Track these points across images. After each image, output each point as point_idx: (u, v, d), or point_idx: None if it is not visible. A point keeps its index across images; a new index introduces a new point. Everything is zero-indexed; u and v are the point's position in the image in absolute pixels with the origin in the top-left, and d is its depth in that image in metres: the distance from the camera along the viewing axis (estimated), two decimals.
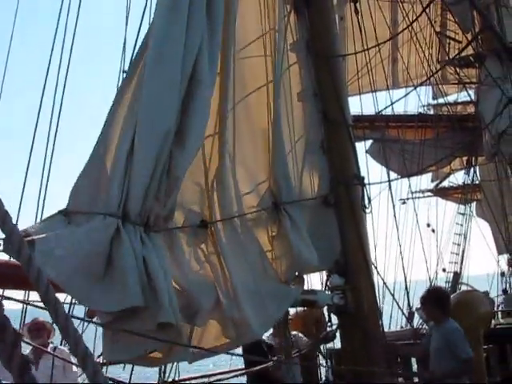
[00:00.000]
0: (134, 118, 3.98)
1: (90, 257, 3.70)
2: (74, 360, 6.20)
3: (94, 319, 3.92)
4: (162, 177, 3.94)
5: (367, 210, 5.71)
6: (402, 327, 10.57)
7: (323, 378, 6.44)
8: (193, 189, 4.46)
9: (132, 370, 5.41)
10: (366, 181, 5.81)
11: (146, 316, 3.68)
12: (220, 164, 4.60)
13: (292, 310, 6.04)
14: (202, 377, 7.79)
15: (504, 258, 17.08)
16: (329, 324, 5.58)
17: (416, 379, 6.50)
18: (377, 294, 5.75)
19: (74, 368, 6.53)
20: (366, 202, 5.67)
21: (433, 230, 17.98)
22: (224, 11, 4.87)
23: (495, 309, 16.22)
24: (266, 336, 6.82)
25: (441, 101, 18.61)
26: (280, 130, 5.22)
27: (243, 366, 6.92)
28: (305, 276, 5.50)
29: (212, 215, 4.49)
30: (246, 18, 5.32)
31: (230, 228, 4.57)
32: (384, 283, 5.86)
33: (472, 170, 16.28)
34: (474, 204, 19.54)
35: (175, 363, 5.55)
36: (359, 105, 7.85)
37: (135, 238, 3.82)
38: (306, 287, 5.37)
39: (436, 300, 5.95)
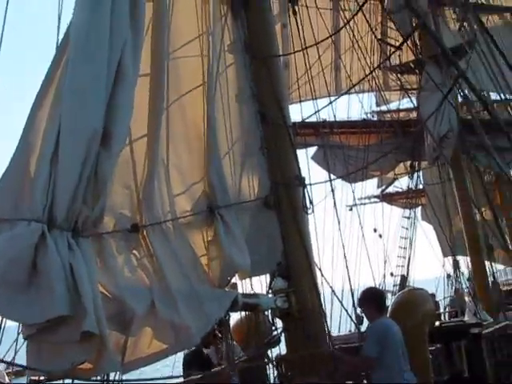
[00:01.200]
0: (58, 118, 3.79)
1: (13, 265, 3.49)
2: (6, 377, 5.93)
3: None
4: (89, 179, 3.76)
5: (309, 211, 5.61)
6: (350, 331, 10.53)
7: None
8: (122, 192, 4.29)
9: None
10: (307, 182, 5.71)
11: (71, 325, 3.49)
12: (150, 166, 4.44)
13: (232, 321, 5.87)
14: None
15: (449, 260, 17.28)
16: (273, 328, 5.42)
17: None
18: (322, 298, 5.65)
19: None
20: (308, 203, 5.57)
21: (380, 235, 18.16)
22: (155, 10, 4.75)
23: (442, 310, 16.46)
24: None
25: (384, 108, 18.89)
26: (215, 132, 5.09)
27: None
28: (247, 280, 5.39)
29: (143, 219, 4.32)
30: (182, 17, 5.19)
31: (163, 232, 4.41)
32: (328, 284, 5.75)
33: (415, 174, 16.43)
34: (418, 208, 19.83)
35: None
36: (301, 112, 7.77)
37: (62, 244, 3.63)
38: (249, 291, 5.26)
39: (370, 299, 5.85)
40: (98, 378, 4.70)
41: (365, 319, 6.02)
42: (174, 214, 4.61)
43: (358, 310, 6.04)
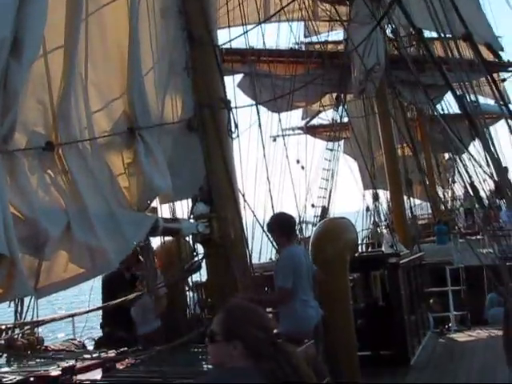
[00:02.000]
0: None
1: None
2: None
3: None
4: None
5: (234, 135, 5.45)
6: (271, 259, 10.65)
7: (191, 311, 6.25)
8: (36, 108, 3.97)
9: None
10: (232, 105, 5.53)
11: None
12: (67, 82, 4.11)
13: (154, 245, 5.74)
14: (65, 317, 7.43)
15: (369, 193, 17.66)
16: (194, 254, 5.33)
17: None
18: (245, 225, 5.58)
19: None
20: (233, 126, 5.40)
21: (302, 167, 18.28)
22: None
23: (359, 242, 16.91)
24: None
25: (313, 39, 18.70)
26: (137, 49, 4.77)
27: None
28: (169, 205, 5.24)
29: (59, 138, 4.04)
30: None
31: (80, 152, 4.15)
32: (250, 209, 5.66)
33: (341, 107, 16.48)
34: (342, 142, 20.04)
35: (32, 301, 5.14)
36: (230, 37, 7.47)
37: None
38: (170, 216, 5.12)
39: (279, 225, 5.79)
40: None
41: None
42: (92, 133, 4.34)
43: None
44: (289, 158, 11.97)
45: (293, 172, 12.78)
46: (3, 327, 6.26)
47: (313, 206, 17.17)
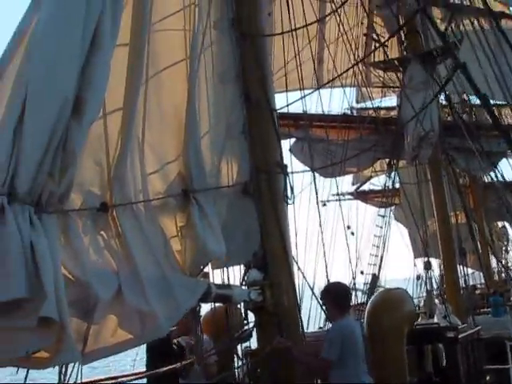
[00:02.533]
0: (25, 84, 3.46)
1: None
2: None
3: None
4: (56, 151, 3.43)
5: (289, 201, 5.33)
6: (320, 328, 10.34)
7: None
8: (93, 168, 3.95)
9: (27, 372, 4.86)
10: (289, 170, 5.44)
11: (28, 310, 3.16)
12: (124, 143, 4.10)
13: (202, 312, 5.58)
14: (107, 379, 7.28)
15: (421, 261, 17.20)
16: (245, 322, 5.14)
17: None
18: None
19: None
20: (289, 192, 5.30)
21: (352, 233, 17.99)
22: None
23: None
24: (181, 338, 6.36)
25: (364, 105, 18.74)
26: (194, 112, 4.77)
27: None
28: (220, 270, 5.10)
29: (114, 199, 3.99)
30: None
31: (133, 214, 4.08)
32: (305, 279, 5.48)
33: (393, 173, 16.28)
34: (393, 208, 19.74)
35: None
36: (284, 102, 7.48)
37: (23, 220, 3.30)
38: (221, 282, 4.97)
39: (334, 296, 5.42)
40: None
41: None
42: (146, 195, 4.29)
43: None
44: (339, 224, 11.79)
45: (343, 238, 12.58)
46: None
47: (362, 273, 16.79)
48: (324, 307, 5.63)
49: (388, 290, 9.78)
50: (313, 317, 10.81)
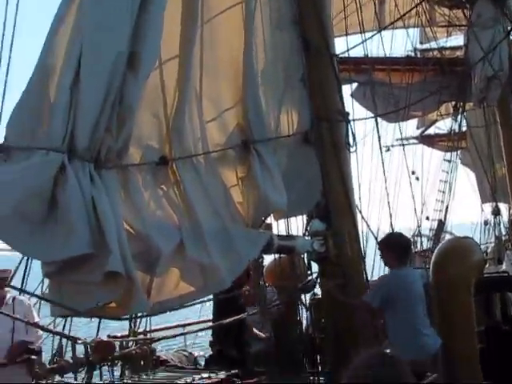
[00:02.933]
0: (80, 40, 3.44)
1: (30, 197, 3.20)
2: (35, 311, 5.78)
3: None
4: (113, 105, 3.42)
5: (352, 149, 5.18)
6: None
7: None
8: (151, 122, 3.93)
9: (100, 322, 5.02)
10: (350, 117, 5.27)
11: (94, 265, 3.23)
12: (182, 95, 4.04)
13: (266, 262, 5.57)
14: (175, 327, 7.45)
15: (488, 206, 16.74)
16: (308, 272, 5.10)
17: None
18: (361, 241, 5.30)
19: (36, 318, 6.08)
20: (351, 139, 5.14)
21: (417, 178, 17.61)
22: None
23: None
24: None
25: (429, 45, 18.03)
26: (252, 61, 4.63)
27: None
28: (283, 221, 5.05)
29: (173, 152, 3.96)
30: None
31: (193, 166, 4.06)
32: (369, 227, 5.36)
33: (459, 116, 15.71)
34: (459, 152, 19.15)
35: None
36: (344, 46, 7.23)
37: (83, 176, 3.33)
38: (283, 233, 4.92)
39: (392, 247, 5.19)
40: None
41: None
42: (205, 147, 4.24)
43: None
44: (404, 169, 11.53)
45: (407, 183, 12.33)
46: (119, 336, 6.35)
47: (427, 218, 16.47)
48: (383, 254, 5.45)
49: (456, 238, 9.55)
50: (377, 266, 10.68)
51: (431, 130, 22.08)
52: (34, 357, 5.58)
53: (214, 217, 4.06)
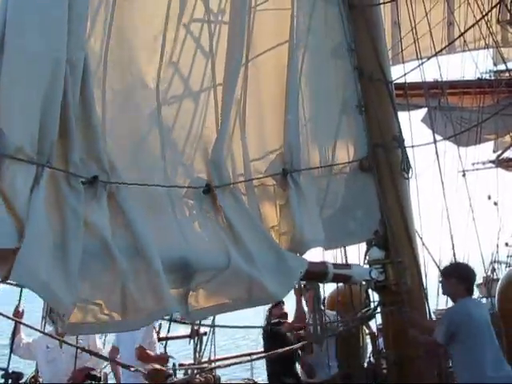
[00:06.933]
0: None
1: None
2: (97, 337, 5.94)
3: None
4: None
5: (409, 176, 5.11)
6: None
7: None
8: (194, 149, 4.00)
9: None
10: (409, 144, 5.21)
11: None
12: (223, 121, 4.09)
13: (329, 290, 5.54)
14: (240, 356, 7.46)
15: None
16: (367, 302, 5.02)
17: None
18: (422, 269, 5.16)
19: (98, 344, 6.24)
20: (406, 166, 5.07)
21: (495, 203, 17.11)
22: None
23: None
24: None
25: (502, 67, 17.60)
26: (295, 87, 4.61)
27: None
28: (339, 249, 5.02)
29: (213, 180, 4.01)
30: None
31: (235, 193, 4.09)
32: (430, 254, 5.21)
33: None
34: None
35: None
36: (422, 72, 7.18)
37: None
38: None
39: (459, 274, 4.81)
40: None
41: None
42: (247, 174, 4.27)
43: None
44: (478, 195, 11.20)
45: (483, 208, 11.99)
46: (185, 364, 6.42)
47: (506, 244, 15.95)
48: (447, 283, 5.20)
49: None
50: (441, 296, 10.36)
51: (508, 154, 21.43)
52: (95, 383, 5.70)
53: (259, 239, 4.03)
